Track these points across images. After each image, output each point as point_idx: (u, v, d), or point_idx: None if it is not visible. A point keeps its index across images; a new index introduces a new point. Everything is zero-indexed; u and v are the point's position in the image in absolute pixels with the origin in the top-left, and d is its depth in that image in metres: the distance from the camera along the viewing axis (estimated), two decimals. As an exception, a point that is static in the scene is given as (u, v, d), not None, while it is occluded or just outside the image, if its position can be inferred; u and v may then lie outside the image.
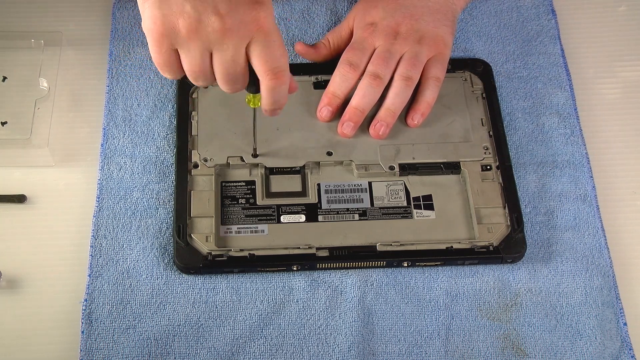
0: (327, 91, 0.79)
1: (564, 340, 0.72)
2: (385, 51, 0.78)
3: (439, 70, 0.79)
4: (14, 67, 0.83)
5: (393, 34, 0.79)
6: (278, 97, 0.68)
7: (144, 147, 0.80)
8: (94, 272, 0.74)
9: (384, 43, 0.79)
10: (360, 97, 0.78)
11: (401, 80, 0.78)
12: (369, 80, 0.78)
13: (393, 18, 0.80)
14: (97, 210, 0.76)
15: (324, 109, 0.79)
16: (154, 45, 0.64)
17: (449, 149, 0.79)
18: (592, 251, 0.76)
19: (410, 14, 0.80)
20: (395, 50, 0.79)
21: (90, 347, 0.71)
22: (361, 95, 0.78)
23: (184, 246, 0.73)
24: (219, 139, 0.79)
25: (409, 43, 0.79)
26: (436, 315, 0.73)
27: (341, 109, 0.79)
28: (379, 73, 0.78)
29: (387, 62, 0.78)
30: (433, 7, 0.81)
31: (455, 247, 0.74)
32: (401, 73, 0.78)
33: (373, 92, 0.78)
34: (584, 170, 0.80)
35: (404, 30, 0.79)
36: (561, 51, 0.87)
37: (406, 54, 0.79)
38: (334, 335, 0.72)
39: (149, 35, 0.64)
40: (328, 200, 0.77)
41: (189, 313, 0.72)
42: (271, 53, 0.65)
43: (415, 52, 0.79)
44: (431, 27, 0.80)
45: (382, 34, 0.79)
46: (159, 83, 0.83)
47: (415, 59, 0.78)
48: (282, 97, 0.68)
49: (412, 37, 0.79)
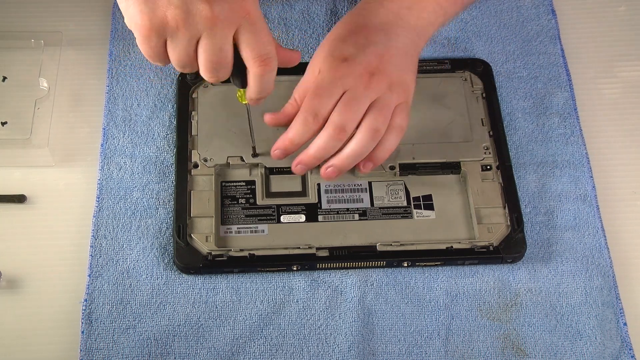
0: (286, 136, 0.73)
1: (564, 340, 0.72)
2: (354, 98, 0.71)
3: (404, 120, 0.74)
4: (14, 67, 0.83)
5: (366, 75, 0.72)
6: (265, 84, 0.67)
7: (143, 147, 0.80)
8: (94, 272, 0.74)
9: (354, 87, 0.72)
10: (321, 148, 0.72)
11: (369, 131, 0.71)
12: (332, 132, 0.71)
13: (365, 56, 0.73)
14: (97, 210, 0.76)
15: (279, 151, 0.74)
16: (143, 40, 0.64)
17: (449, 149, 0.79)
18: (592, 251, 0.76)
19: (380, 53, 0.73)
20: (365, 96, 0.72)
21: (90, 347, 0.71)
22: (322, 146, 0.72)
23: (184, 246, 0.73)
24: (219, 138, 0.79)
25: (381, 89, 0.72)
26: (436, 315, 0.73)
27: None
28: (344, 125, 0.71)
29: (355, 112, 0.71)
30: (402, 49, 0.74)
31: (455, 247, 0.74)
32: (370, 124, 0.71)
33: (334, 145, 0.72)
34: (584, 170, 0.80)
35: (376, 73, 0.72)
36: (561, 51, 0.87)
37: (377, 102, 0.72)
38: (334, 335, 0.72)
39: (137, 30, 0.64)
40: (328, 200, 0.77)
41: (189, 313, 0.72)
42: (259, 40, 0.65)
43: (385, 100, 0.72)
44: (400, 72, 0.74)
45: (353, 76, 0.72)
46: (159, 83, 0.83)
47: (385, 109, 0.72)
48: (269, 84, 0.67)
49: (384, 82, 0.72)
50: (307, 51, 0.86)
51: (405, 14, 0.75)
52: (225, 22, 0.63)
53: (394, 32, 0.74)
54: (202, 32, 0.63)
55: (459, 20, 0.88)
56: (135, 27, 0.64)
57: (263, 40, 0.65)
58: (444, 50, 0.87)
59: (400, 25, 0.75)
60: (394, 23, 0.75)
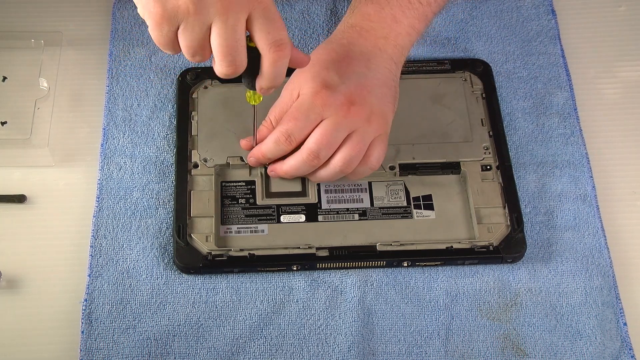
0: (260, 149, 0.74)
1: (564, 340, 0.72)
2: (332, 129, 0.71)
3: (380, 152, 0.73)
4: (14, 67, 0.84)
5: (346, 105, 0.71)
6: (279, 71, 0.66)
7: (143, 147, 0.80)
8: (93, 272, 0.74)
9: (335, 116, 0.71)
10: (293, 168, 0.73)
11: (342, 163, 0.72)
12: (307, 157, 0.72)
13: (347, 86, 0.72)
14: (97, 210, 0.76)
15: (253, 159, 0.76)
16: (155, 28, 0.64)
17: (449, 149, 0.79)
18: (592, 251, 0.76)
19: (362, 84, 0.73)
20: (344, 127, 0.71)
21: (90, 347, 0.71)
22: (295, 167, 0.73)
23: (184, 246, 0.73)
24: (219, 139, 0.79)
25: (360, 120, 0.71)
26: (436, 315, 0.73)
27: None
28: (319, 152, 0.71)
29: (332, 143, 0.71)
30: (381, 80, 0.74)
31: (455, 247, 0.74)
32: (344, 157, 0.71)
33: (307, 169, 0.73)
34: (584, 170, 0.80)
35: (357, 103, 0.72)
36: (561, 51, 0.87)
37: (354, 135, 0.71)
38: (334, 335, 0.72)
39: (150, 18, 0.64)
40: (328, 200, 0.77)
41: (189, 313, 0.72)
42: (273, 25, 0.64)
43: (363, 133, 0.71)
44: (379, 103, 0.73)
45: (334, 105, 0.71)
46: (159, 83, 0.83)
47: (362, 143, 0.72)
48: (283, 72, 0.67)
49: (364, 113, 0.72)
50: (307, 51, 0.86)
51: (383, 44, 0.75)
52: (237, 7, 0.63)
53: (374, 63, 0.74)
54: (214, 17, 0.63)
55: (459, 21, 0.88)
56: (149, 15, 0.64)
57: (277, 25, 0.65)
58: (444, 50, 0.87)
59: (379, 56, 0.75)
60: (373, 54, 0.74)
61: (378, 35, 0.75)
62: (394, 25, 0.76)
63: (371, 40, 0.75)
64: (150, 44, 0.85)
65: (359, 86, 0.73)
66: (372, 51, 0.75)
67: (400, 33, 0.76)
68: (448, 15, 0.89)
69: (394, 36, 0.76)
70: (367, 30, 0.75)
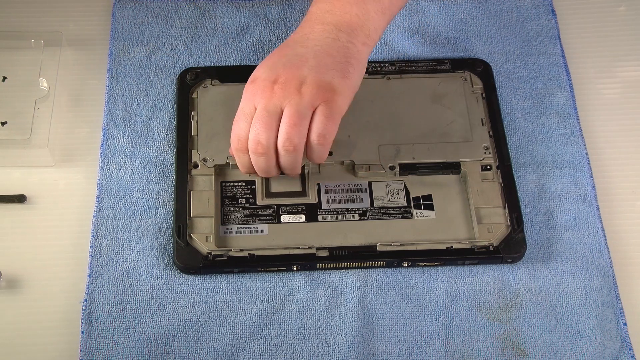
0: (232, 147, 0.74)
1: (564, 340, 0.72)
2: (263, 111, 0.69)
3: (324, 125, 0.69)
4: (14, 67, 0.83)
5: (269, 86, 0.69)
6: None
7: (143, 147, 0.80)
8: (93, 272, 0.74)
9: (261, 100, 0.69)
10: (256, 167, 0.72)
11: (284, 151, 0.70)
12: (253, 151, 0.71)
13: (272, 71, 0.70)
14: (97, 210, 0.76)
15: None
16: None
17: (449, 149, 0.79)
18: (592, 251, 0.76)
19: (291, 64, 0.70)
20: (273, 107, 0.69)
21: (90, 347, 0.71)
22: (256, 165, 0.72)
23: (183, 246, 0.73)
24: (219, 139, 0.79)
25: (288, 94, 0.68)
26: (436, 316, 0.73)
27: None
28: (260, 140, 0.69)
29: (268, 125, 0.69)
30: (320, 50, 0.70)
31: (455, 247, 0.74)
32: (282, 143, 0.69)
33: (262, 160, 0.71)
34: (584, 170, 0.80)
35: (280, 80, 0.69)
36: (561, 51, 0.87)
37: (285, 109, 0.68)
38: (334, 336, 0.72)
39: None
40: (328, 200, 0.77)
41: (189, 313, 0.72)
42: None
43: (295, 105, 0.68)
44: (314, 73, 0.69)
45: (259, 90, 0.70)
46: (158, 83, 0.83)
47: (296, 117, 0.68)
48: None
49: (291, 86, 0.69)
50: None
51: (327, 17, 0.72)
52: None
53: (312, 39, 0.71)
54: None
55: (458, 20, 0.88)
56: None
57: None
58: (444, 50, 0.87)
59: (318, 30, 0.72)
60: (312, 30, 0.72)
61: (322, 10, 0.73)
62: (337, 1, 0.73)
63: (313, 20, 0.73)
64: (150, 43, 0.85)
65: (286, 67, 0.70)
66: (312, 28, 0.72)
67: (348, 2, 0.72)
68: (448, 15, 0.89)
69: (339, 5, 0.72)
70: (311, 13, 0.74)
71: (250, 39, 0.87)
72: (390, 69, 0.84)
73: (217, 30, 0.87)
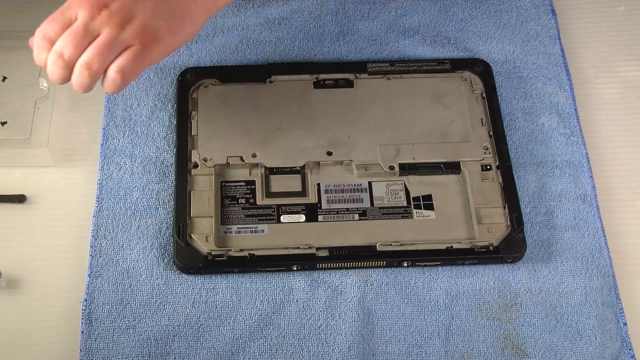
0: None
1: (564, 340, 0.72)
2: (80, 27, 0.67)
3: (130, 63, 0.67)
4: (14, 67, 0.83)
5: (99, 6, 0.67)
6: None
7: (143, 147, 0.80)
8: (93, 272, 0.74)
9: (84, 15, 0.67)
10: (49, 73, 0.68)
11: (80, 67, 0.67)
12: (53, 57, 0.67)
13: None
14: (97, 210, 0.76)
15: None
16: None
17: (449, 149, 0.79)
18: (592, 251, 0.76)
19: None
20: (92, 28, 0.67)
21: (90, 347, 0.71)
22: (48, 72, 0.68)
23: (183, 246, 0.73)
24: (219, 138, 0.79)
25: (111, 23, 0.67)
26: (436, 316, 0.73)
27: None
28: (64, 53, 0.67)
29: (79, 41, 0.67)
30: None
31: (455, 247, 0.74)
32: (83, 60, 0.67)
33: (56, 72, 0.68)
34: (584, 170, 0.80)
35: (114, 8, 0.68)
36: (561, 51, 0.87)
37: (101, 37, 0.67)
38: (334, 336, 0.72)
39: None
40: (328, 200, 0.77)
41: (189, 313, 0.72)
42: None
43: (111, 36, 0.67)
44: (146, 16, 0.68)
45: (89, 4, 0.68)
46: (158, 83, 0.83)
47: (107, 45, 0.67)
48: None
49: (118, 17, 0.67)
50: (307, 51, 0.86)
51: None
52: None
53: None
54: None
55: (459, 20, 0.88)
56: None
57: None
58: (444, 50, 0.87)
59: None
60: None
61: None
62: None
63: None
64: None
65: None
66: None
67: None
68: (448, 15, 0.89)
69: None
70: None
71: (250, 39, 0.86)
72: (390, 69, 0.84)
73: (217, 30, 0.87)
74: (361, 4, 0.89)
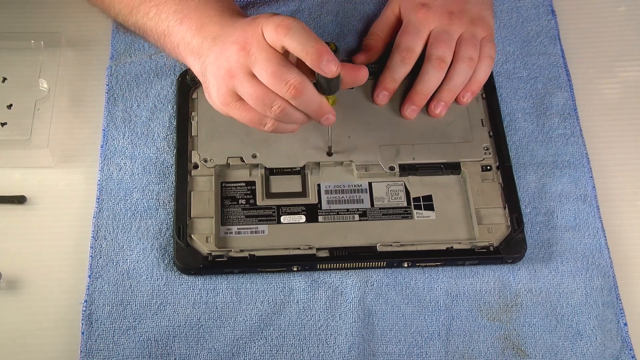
0: (385, 77, 0.80)
1: (564, 340, 0.72)
2: (443, 33, 0.79)
3: (492, 49, 0.80)
4: (14, 67, 0.83)
5: (447, 14, 0.80)
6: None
7: (143, 148, 0.80)
8: (94, 273, 0.74)
9: (440, 24, 0.80)
10: (425, 81, 0.79)
11: (464, 62, 0.79)
12: (435, 64, 0.79)
13: (441, 2, 0.81)
14: (97, 211, 0.76)
15: (382, 94, 0.81)
16: None
17: (449, 149, 0.79)
18: (592, 251, 0.76)
19: (457, 0, 0.81)
20: (452, 32, 0.79)
21: (90, 348, 0.71)
22: (426, 79, 0.79)
23: (184, 247, 0.73)
24: (219, 139, 0.79)
25: (464, 24, 0.80)
26: (436, 316, 0.73)
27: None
28: (444, 57, 0.79)
29: (449, 45, 0.79)
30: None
31: (456, 247, 0.74)
32: (464, 54, 0.79)
33: (437, 76, 0.79)
34: (584, 171, 0.80)
35: (457, 12, 0.80)
36: (561, 51, 0.87)
37: (464, 35, 0.80)
38: (334, 336, 0.72)
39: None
40: (328, 201, 0.77)
41: (189, 314, 0.72)
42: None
43: (471, 32, 0.80)
44: (478, 10, 0.81)
45: (436, 16, 0.80)
46: (158, 84, 0.83)
47: (474, 40, 0.79)
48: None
49: (465, 18, 0.80)
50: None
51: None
52: None
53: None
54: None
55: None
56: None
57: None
58: (444, 50, 0.86)
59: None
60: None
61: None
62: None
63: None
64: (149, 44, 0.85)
65: (453, 0, 0.81)
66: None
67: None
68: (448, 16, 0.89)
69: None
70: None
71: (250, 40, 0.86)
72: (390, 69, 0.84)
73: (217, 31, 0.87)
74: (361, 5, 0.89)
